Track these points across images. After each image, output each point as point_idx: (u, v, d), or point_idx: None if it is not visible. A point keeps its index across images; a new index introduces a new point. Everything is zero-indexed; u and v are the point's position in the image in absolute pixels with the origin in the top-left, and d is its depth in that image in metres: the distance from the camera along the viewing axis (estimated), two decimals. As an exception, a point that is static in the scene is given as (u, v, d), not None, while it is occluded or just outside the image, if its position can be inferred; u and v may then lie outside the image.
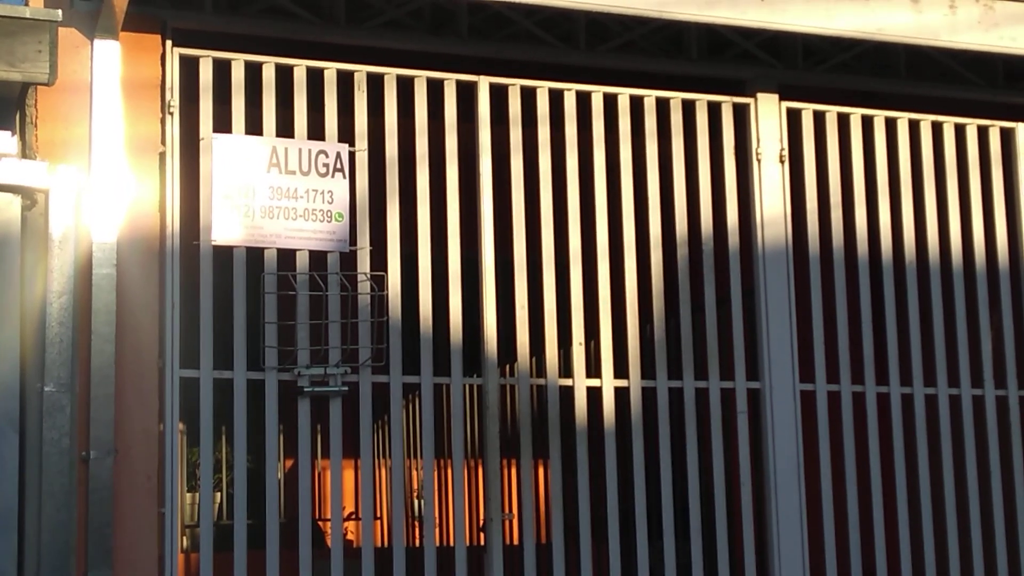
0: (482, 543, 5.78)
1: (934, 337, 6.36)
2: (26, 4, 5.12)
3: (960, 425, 6.35)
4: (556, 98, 5.89)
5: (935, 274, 6.40)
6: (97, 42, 5.22)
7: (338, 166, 5.49)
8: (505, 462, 6.11)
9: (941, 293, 6.40)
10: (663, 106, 6.05)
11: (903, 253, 6.38)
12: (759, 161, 6.17)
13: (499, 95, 5.82)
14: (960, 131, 6.52)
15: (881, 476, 6.19)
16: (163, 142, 5.32)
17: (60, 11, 5.00)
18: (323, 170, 5.47)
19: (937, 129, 6.48)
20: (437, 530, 5.62)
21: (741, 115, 6.19)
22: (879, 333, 6.28)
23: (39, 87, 5.07)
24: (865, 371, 6.22)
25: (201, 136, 5.35)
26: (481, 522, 5.96)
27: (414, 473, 10.22)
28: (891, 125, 6.40)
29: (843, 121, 6.32)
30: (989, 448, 6.36)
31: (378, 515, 9.79)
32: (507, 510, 6.21)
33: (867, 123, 6.36)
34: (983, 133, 6.55)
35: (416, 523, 10.21)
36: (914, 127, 6.44)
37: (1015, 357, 6.51)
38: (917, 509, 6.21)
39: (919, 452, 6.25)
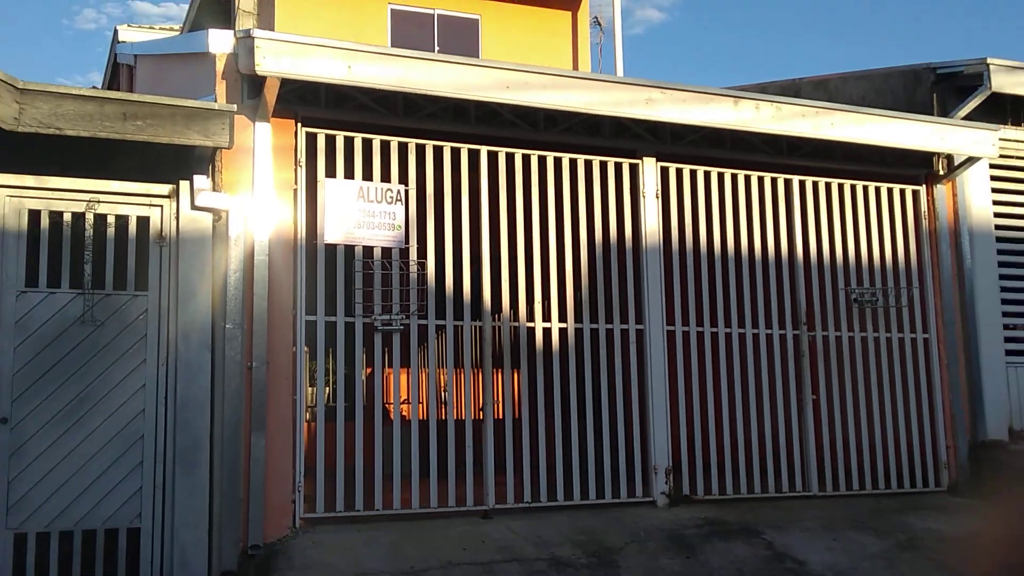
0: (481, 418, 5.81)
1: (757, 297, 6.39)
2: (215, 100, 5.22)
3: (773, 352, 6.43)
4: (526, 159, 5.95)
5: (744, 260, 6.46)
6: (257, 123, 5.31)
7: (399, 197, 5.53)
8: (495, 371, 6.09)
9: (755, 272, 6.46)
10: (589, 165, 6.12)
11: (727, 247, 6.43)
12: (644, 197, 6.24)
13: (493, 157, 5.88)
14: (761, 179, 6.61)
15: (714, 382, 6.28)
16: (295, 182, 5.38)
17: (235, 105, 5.11)
18: (390, 199, 5.51)
19: (747, 178, 6.56)
20: (454, 410, 5.62)
21: (634, 170, 6.27)
22: (712, 295, 6.34)
23: (223, 150, 5.15)
24: (704, 319, 6.31)
25: (318, 180, 5.41)
26: (481, 405, 5.97)
27: (441, 377, 10.06)
28: (720, 176, 6.48)
29: (693, 173, 6.40)
30: (776, 370, 6.45)
31: (420, 401, 9.71)
32: (496, 398, 6.21)
33: (707, 175, 6.44)
34: (773, 181, 6.64)
35: (442, 406, 9.97)
36: (735, 177, 6.52)
37: (792, 311, 6.60)
38: (733, 402, 6.27)
39: (749, 368, 6.32)
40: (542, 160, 5.98)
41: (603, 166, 6.15)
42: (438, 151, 5.70)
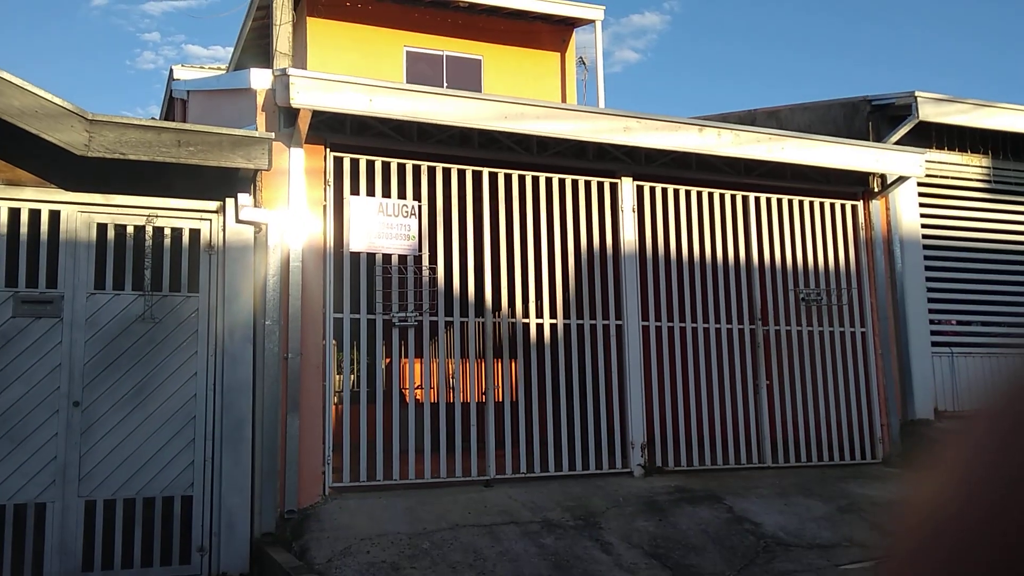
0: (484, 400, 5.79)
1: (719, 296, 6.38)
2: (256, 129, 5.21)
3: (732, 344, 6.40)
4: (521, 179, 5.93)
5: (708, 265, 6.45)
6: (292, 149, 5.30)
7: (413, 212, 5.52)
8: (495, 361, 6.08)
9: (717, 275, 6.46)
10: (575, 184, 6.11)
11: (693, 254, 6.43)
12: (623, 211, 6.24)
13: (494, 178, 5.87)
14: (722, 196, 6.58)
15: (683, 369, 6.26)
16: (324, 199, 5.36)
17: (273, 133, 5.11)
18: (405, 213, 5.50)
19: (711, 195, 6.54)
20: (461, 394, 5.59)
21: (614, 188, 6.25)
22: (681, 295, 6.33)
23: (263, 172, 5.15)
24: (674, 315, 6.30)
25: (344, 197, 5.39)
26: (483, 390, 5.89)
27: (450, 365, 10.13)
28: (688, 193, 6.46)
29: (664, 191, 6.39)
30: (734, 356, 6.45)
31: (432, 386, 9.65)
32: (496, 384, 6.20)
33: (676, 192, 6.43)
34: (733, 197, 6.59)
35: (450, 391, 10.05)
36: (700, 194, 6.49)
37: (749, 309, 6.60)
38: (699, 387, 6.27)
39: (712, 357, 6.30)
40: (535, 180, 5.98)
41: (587, 185, 6.13)
42: (447, 172, 5.71)
